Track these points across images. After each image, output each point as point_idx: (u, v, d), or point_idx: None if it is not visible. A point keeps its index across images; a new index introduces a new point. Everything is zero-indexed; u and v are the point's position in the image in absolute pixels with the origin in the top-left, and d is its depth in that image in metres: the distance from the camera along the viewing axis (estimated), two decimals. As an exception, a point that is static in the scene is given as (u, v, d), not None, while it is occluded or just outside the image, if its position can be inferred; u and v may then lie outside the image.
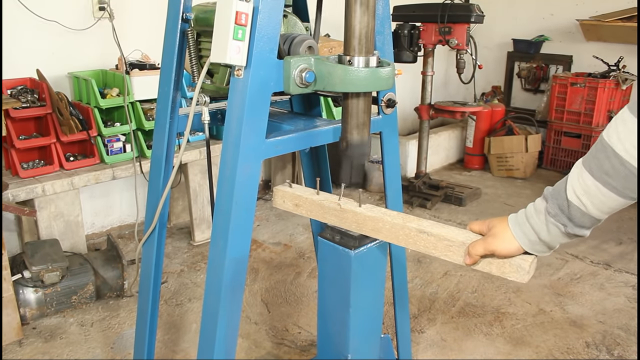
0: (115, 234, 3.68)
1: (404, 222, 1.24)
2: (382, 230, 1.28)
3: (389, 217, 1.27)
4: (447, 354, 2.51)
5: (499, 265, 1.11)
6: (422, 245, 1.20)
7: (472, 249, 1.11)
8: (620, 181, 0.93)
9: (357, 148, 1.42)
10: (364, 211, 1.31)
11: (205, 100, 1.55)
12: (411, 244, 1.22)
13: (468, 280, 3.17)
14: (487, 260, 1.12)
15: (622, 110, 0.99)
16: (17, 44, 3.10)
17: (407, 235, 1.23)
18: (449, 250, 1.16)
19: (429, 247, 1.19)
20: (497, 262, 1.11)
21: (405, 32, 4.12)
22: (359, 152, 1.43)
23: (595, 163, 0.96)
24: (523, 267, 1.07)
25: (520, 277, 1.08)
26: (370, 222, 1.30)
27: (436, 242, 1.18)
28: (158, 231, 1.77)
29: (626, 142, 0.92)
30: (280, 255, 3.46)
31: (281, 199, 1.48)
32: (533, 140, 4.98)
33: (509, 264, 1.09)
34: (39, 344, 2.53)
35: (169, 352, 2.50)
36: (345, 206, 1.35)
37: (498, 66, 5.96)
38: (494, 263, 1.12)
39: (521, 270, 1.08)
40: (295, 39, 1.46)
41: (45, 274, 2.62)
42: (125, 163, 3.19)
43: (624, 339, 2.63)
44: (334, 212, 1.37)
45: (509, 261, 1.09)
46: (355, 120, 1.40)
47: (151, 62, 3.36)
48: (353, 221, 1.33)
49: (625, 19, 4.73)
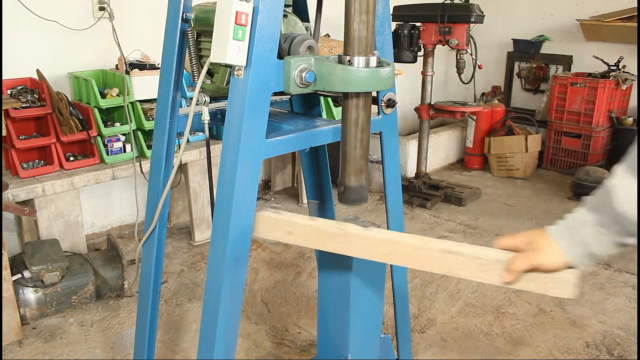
0: (115, 234, 3.68)
1: (423, 243, 1.12)
2: (399, 255, 1.14)
3: (406, 239, 1.13)
4: (447, 354, 2.51)
5: (540, 282, 1.02)
6: (449, 267, 1.08)
7: (514, 265, 1.03)
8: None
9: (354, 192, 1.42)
10: (374, 234, 1.17)
11: (205, 100, 1.55)
12: (436, 267, 1.10)
13: (468, 280, 3.16)
14: (527, 277, 1.03)
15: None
16: (17, 44, 3.10)
17: (430, 258, 1.10)
18: (482, 269, 1.05)
19: (456, 268, 1.08)
20: (539, 278, 1.02)
21: (405, 32, 4.12)
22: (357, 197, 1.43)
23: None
24: (569, 281, 0.99)
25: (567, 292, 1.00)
26: (385, 247, 1.15)
27: (467, 262, 1.07)
28: (158, 231, 1.77)
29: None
30: (280, 255, 3.46)
31: (267, 229, 1.29)
32: (533, 140, 4.98)
33: (552, 280, 1.01)
34: (39, 344, 2.53)
35: (169, 352, 2.50)
36: (350, 230, 1.19)
37: (498, 66, 5.96)
38: (534, 280, 1.02)
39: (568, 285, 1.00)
40: (296, 38, 1.46)
41: (45, 274, 2.62)
42: (125, 163, 3.19)
43: (624, 339, 2.63)
44: (335, 238, 1.20)
45: (552, 276, 1.01)
46: (352, 167, 1.40)
47: (151, 62, 3.36)
48: (361, 247, 1.18)
49: (625, 19, 4.72)
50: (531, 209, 4.30)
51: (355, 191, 1.42)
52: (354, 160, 1.40)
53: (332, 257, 1.41)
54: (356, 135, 1.38)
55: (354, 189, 1.42)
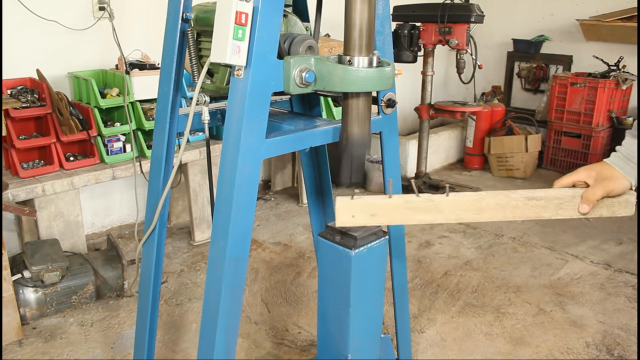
0: (115, 234, 3.68)
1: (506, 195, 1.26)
2: (485, 211, 1.27)
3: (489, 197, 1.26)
4: (447, 354, 2.51)
5: (609, 207, 1.23)
6: (532, 212, 1.24)
7: (593, 195, 1.21)
8: None
9: (357, 143, 1.39)
10: (459, 197, 1.27)
11: (205, 100, 1.55)
12: (519, 214, 1.25)
13: (468, 280, 3.17)
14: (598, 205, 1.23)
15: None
16: (17, 44, 3.10)
17: (514, 207, 1.25)
18: (561, 207, 1.23)
19: (539, 211, 1.24)
20: (606, 204, 1.23)
21: (405, 32, 4.12)
22: (360, 147, 1.40)
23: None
24: (631, 202, 1.22)
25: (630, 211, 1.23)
26: (472, 206, 1.27)
27: (546, 204, 1.23)
28: (158, 231, 1.77)
29: None
30: (280, 255, 3.46)
31: (348, 215, 1.29)
32: (533, 140, 4.98)
33: (617, 203, 1.22)
34: (39, 344, 2.53)
35: (169, 352, 2.50)
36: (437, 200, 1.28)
37: (498, 66, 5.96)
38: (603, 206, 1.23)
39: (630, 205, 1.22)
40: (295, 38, 1.46)
41: (45, 274, 2.62)
42: (125, 163, 3.19)
43: (624, 339, 2.63)
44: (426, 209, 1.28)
45: (617, 200, 1.22)
46: (355, 115, 1.38)
47: (151, 62, 3.36)
48: (451, 212, 1.28)
49: (625, 19, 4.72)
50: (531, 209, 4.29)
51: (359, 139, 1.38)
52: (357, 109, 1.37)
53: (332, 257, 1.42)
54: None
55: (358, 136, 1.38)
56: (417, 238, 3.71)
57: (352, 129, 1.39)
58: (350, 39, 1.31)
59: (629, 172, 1.22)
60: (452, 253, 3.52)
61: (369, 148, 1.44)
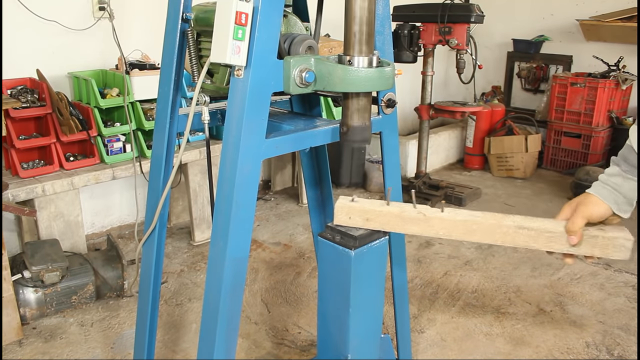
0: (115, 234, 3.68)
1: (497, 220, 1.25)
2: (476, 233, 1.27)
3: (480, 219, 1.26)
4: (447, 354, 2.51)
5: (602, 248, 1.19)
6: (522, 241, 1.23)
7: (571, 224, 1.20)
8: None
9: (358, 132, 1.39)
10: (451, 216, 1.29)
11: (205, 100, 1.55)
12: (509, 241, 1.24)
13: (468, 280, 3.17)
14: (590, 244, 1.20)
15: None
16: (17, 44, 3.10)
17: (504, 234, 1.24)
18: (552, 240, 1.21)
19: (529, 241, 1.23)
20: (600, 244, 1.19)
21: (405, 32, 4.12)
22: (360, 137, 1.40)
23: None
24: (627, 247, 1.18)
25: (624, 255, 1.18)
26: (462, 226, 1.28)
27: (537, 236, 1.22)
28: (158, 231, 1.77)
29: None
30: (280, 255, 3.46)
31: (345, 215, 1.38)
32: (533, 140, 4.98)
33: (612, 246, 1.18)
34: (39, 344, 2.53)
35: (169, 352, 2.50)
36: (429, 214, 1.30)
37: (498, 66, 5.96)
38: (597, 246, 1.20)
39: (625, 250, 1.18)
40: (295, 38, 1.46)
41: (45, 274, 2.62)
42: (125, 163, 3.19)
43: (624, 339, 2.63)
44: (416, 221, 1.32)
45: (612, 242, 1.18)
46: (356, 106, 1.38)
47: (151, 62, 3.36)
48: (440, 228, 1.30)
49: (625, 19, 4.72)
50: (531, 209, 4.30)
51: (359, 130, 1.38)
52: (357, 99, 1.37)
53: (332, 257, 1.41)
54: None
55: (358, 128, 1.38)
56: (417, 238, 3.71)
57: (352, 119, 1.39)
58: (350, 39, 1.31)
59: (604, 196, 1.22)
60: (452, 253, 3.53)
61: (368, 142, 1.43)
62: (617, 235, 1.20)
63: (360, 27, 1.29)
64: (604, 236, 1.21)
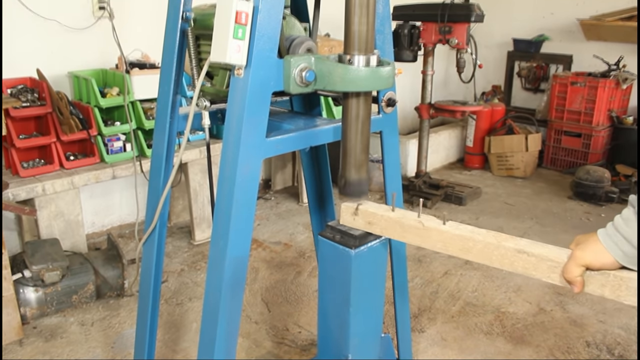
0: (115, 234, 3.68)
1: (497, 241, 1.16)
2: (472, 251, 1.19)
3: (480, 236, 1.19)
4: (448, 353, 2.51)
5: (613, 288, 1.03)
6: (521, 267, 1.12)
7: (566, 272, 1.04)
8: None
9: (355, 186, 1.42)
10: (450, 229, 1.23)
11: (205, 104, 1.55)
12: (507, 264, 1.14)
13: (468, 279, 3.17)
14: (600, 282, 1.04)
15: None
16: (17, 44, 3.10)
17: (502, 256, 1.14)
18: (553, 271, 1.08)
19: (528, 268, 1.11)
20: (611, 284, 1.03)
21: (406, 32, 4.12)
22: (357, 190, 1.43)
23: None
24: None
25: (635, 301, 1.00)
26: (459, 242, 1.21)
27: (537, 263, 1.10)
28: (158, 230, 1.77)
29: None
30: (280, 255, 3.46)
31: (350, 216, 1.40)
32: (533, 140, 4.98)
33: (625, 287, 1.01)
34: (39, 344, 2.53)
35: (169, 351, 2.50)
36: (428, 224, 1.26)
37: (498, 65, 5.96)
38: (607, 285, 1.03)
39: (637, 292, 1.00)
40: (294, 40, 1.45)
41: (45, 273, 2.62)
42: (126, 162, 3.19)
43: (625, 338, 2.63)
44: (415, 230, 1.27)
45: (626, 284, 1.01)
46: (353, 160, 1.40)
47: (151, 62, 3.36)
48: (438, 240, 1.24)
49: (626, 19, 4.72)
50: (531, 208, 4.30)
51: (356, 184, 1.42)
52: (354, 155, 1.40)
53: (332, 256, 1.41)
54: (357, 129, 1.38)
55: (355, 182, 1.42)
56: (417, 237, 3.71)
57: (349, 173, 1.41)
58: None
59: (610, 245, 1.01)
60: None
61: (366, 194, 1.45)
62: (632, 277, 1.01)
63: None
64: (616, 275, 1.03)
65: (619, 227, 1.01)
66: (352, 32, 1.30)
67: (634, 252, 0.99)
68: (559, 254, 1.08)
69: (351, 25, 1.30)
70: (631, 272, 1.02)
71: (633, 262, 1.00)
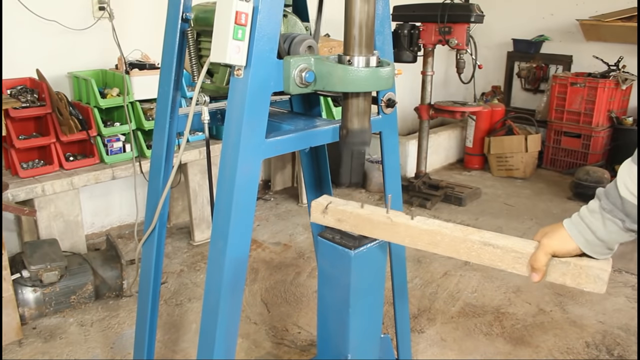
0: (114, 234, 3.68)
1: (464, 234, 1.18)
2: (440, 245, 1.22)
3: (447, 230, 1.21)
4: (447, 354, 2.51)
5: (574, 276, 1.07)
6: (487, 259, 1.15)
7: (534, 261, 1.09)
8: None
9: (357, 135, 1.39)
10: (418, 224, 1.25)
11: (205, 100, 1.55)
12: (474, 257, 1.17)
13: (468, 280, 3.17)
14: (561, 271, 1.08)
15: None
16: (17, 44, 3.10)
17: (469, 249, 1.17)
18: (517, 262, 1.12)
19: (494, 260, 1.14)
20: (572, 273, 1.07)
21: (405, 32, 4.12)
22: (360, 140, 1.40)
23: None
24: (601, 277, 1.04)
25: (598, 288, 1.05)
26: (427, 236, 1.23)
27: (503, 255, 1.13)
28: (158, 231, 1.77)
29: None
30: (280, 255, 3.46)
31: (320, 214, 1.41)
32: (533, 140, 4.98)
33: (585, 275, 1.05)
34: (38, 344, 2.53)
35: (169, 352, 2.50)
36: (396, 220, 1.28)
37: (498, 66, 5.96)
38: (568, 274, 1.08)
39: (600, 282, 1.04)
40: (295, 38, 1.45)
41: (43, 274, 2.62)
42: (125, 163, 3.19)
43: (624, 339, 2.63)
44: (384, 226, 1.30)
45: (585, 272, 1.05)
46: (355, 109, 1.38)
47: (151, 62, 3.36)
48: (406, 235, 1.27)
49: (625, 19, 4.72)
50: (531, 209, 4.30)
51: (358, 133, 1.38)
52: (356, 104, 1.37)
53: (332, 257, 1.41)
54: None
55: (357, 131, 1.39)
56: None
57: (351, 122, 1.39)
58: (350, 38, 1.31)
59: (574, 234, 1.07)
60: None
61: (368, 144, 1.43)
62: (592, 264, 1.06)
63: (360, 28, 1.29)
64: (576, 264, 1.07)
65: (583, 217, 1.08)
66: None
67: (596, 240, 1.05)
68: (524, 246, 1.13)
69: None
70: (591, 259, 1.07)
71: (594, 250, 1.06)
